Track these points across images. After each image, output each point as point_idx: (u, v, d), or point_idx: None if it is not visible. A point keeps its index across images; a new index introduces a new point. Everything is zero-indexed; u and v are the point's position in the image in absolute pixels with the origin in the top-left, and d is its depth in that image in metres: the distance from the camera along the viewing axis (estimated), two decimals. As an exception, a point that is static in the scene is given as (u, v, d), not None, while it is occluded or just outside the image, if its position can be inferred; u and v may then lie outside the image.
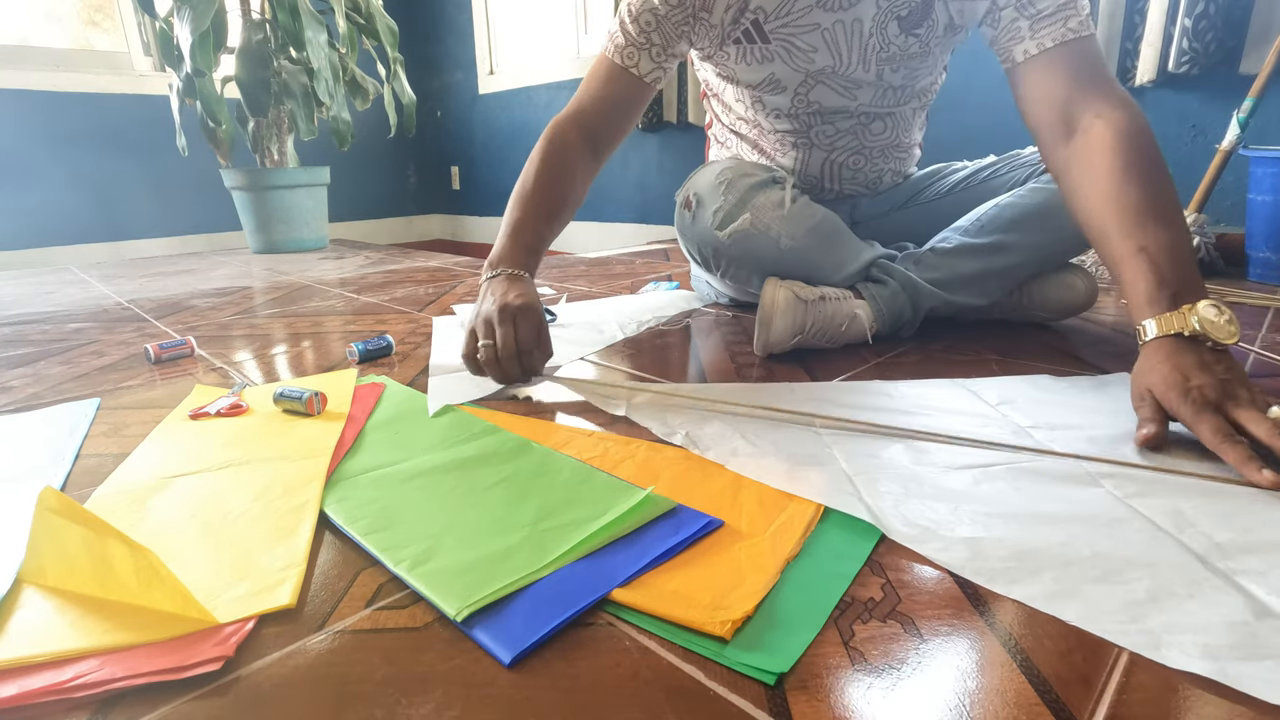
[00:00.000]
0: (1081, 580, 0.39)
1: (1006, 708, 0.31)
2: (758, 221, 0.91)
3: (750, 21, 0.89)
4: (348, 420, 0.67)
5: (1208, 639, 0.34)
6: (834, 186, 1.04)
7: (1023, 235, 0.89)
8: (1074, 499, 0.49)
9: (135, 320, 1.24)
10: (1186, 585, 0.39)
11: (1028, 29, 0.75)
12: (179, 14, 1.85)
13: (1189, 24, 1.34)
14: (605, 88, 0.91)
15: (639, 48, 0.89)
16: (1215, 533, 0.44)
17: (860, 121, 0.97)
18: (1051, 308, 0.94)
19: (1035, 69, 0.76)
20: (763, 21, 0.89)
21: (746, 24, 0.90)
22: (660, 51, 0.89)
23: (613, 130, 0.93)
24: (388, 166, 3.44)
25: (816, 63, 0.90)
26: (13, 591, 0.41)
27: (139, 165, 2.67)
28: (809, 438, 0.60)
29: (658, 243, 2.28)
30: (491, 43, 3.10)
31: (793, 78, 0.93)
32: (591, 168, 0.92)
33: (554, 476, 0.54)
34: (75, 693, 0.33)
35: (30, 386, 0.84)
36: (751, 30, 0.90)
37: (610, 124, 0.93)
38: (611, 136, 0.94)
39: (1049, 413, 0.64)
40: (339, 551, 0.46)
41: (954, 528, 0.45)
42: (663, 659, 0.35)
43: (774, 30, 0.89)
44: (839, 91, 0.94)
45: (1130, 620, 0.36)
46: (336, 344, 1.00)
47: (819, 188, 1.05)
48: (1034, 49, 0.75)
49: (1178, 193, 0.65)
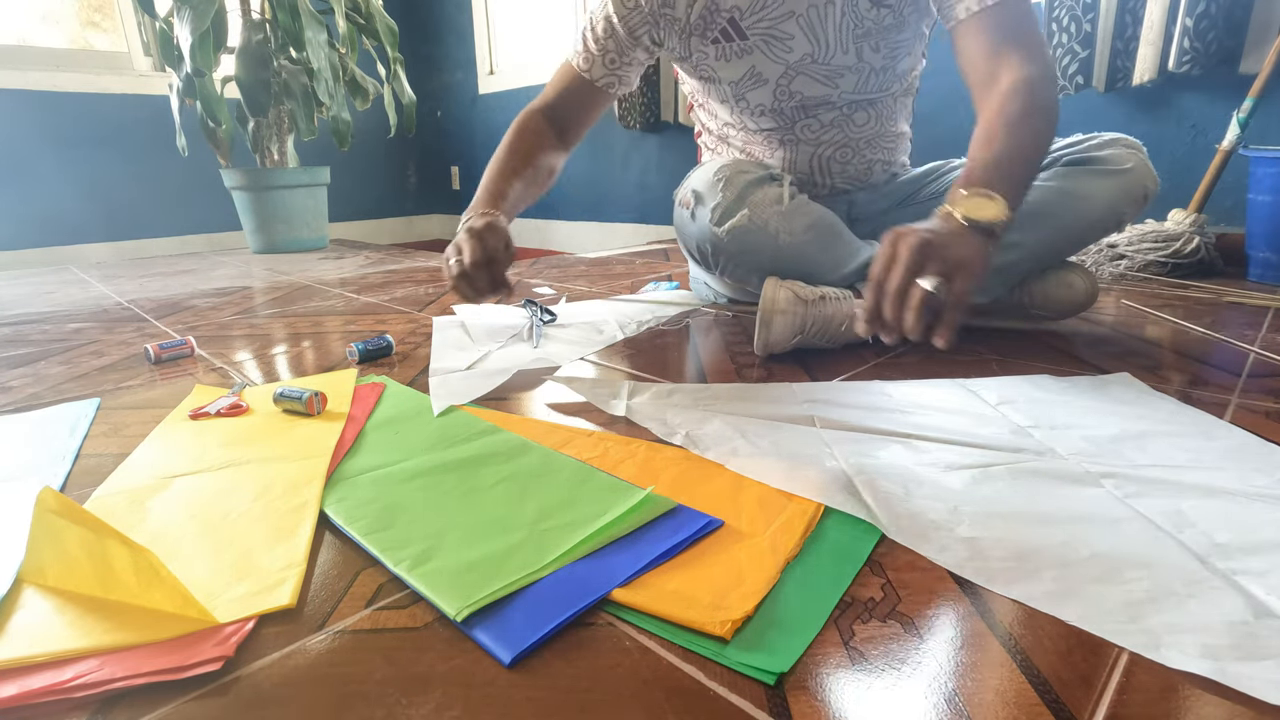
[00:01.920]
0: (1081, 580, 0.39)
1: (1006, 708, 0.31)
2: (756, 217, 0.91)
3: (726, 20, 0.91)
4: (348, 420, 0.67)
5: (1207, 639, 0.34)
6: (825, 181, 1.05)
7: (1021, 234, 0.88)
8: (1073, 499, 0.48)
9: (135, 320, 1.24)
10: (1186, 585, 0.39)
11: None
12: (179, 14, 1.85)
13: (1189, 23, 1.34)
14: (565, 89, 0.99)
15: (594, 56, 0.96)
16: (1215, 533, 0.44)
17: (843, 113, 0.98)
18: (1052, 307, 0.94)
19: (973, 26, 0.80)
20: (739, 19, 0.91)
21: (723, 23, 0.92)
22: (615, 59, 0.95)
23: (575, 125, 1.01)
24: (388, 166, 3.43)
25: (796, 51, 0.92)
26: (13, 591, 0.41)
27: (139, 165, 2.67)
28: (809, 438, 0.60)
29: (658, 243, 2.28)
30: (491, 43, 3.10)
31: (773, 69, 0.94)
32: (558, 147, 1.00)
33: (554, 476, 0.54)
34: (75, 693, 0.33)
35: (30, 386, 0.84)
36: (729, 29, 0.92)
37: (572, 120, 1.00)
38: (574, 130, 1.02)
39: (1049, 412, 0.64)
40: (339, 551, 0.46)
41: (953, 528, 0.45)
42: (663, 659, 0.35)
43: (751, 26, 0.91)
44: (821, 81, 0.95)
45: (1130, 620, 0.36)
46: (336, 344, 1.00)
47: (811, 183, 1.05)
48: (975, 5, 0.79)
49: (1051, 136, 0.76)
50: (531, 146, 0.95)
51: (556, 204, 2.93)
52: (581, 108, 1.00)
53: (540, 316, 1.04)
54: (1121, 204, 0.88)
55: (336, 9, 2.07)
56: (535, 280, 1.52)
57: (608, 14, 0.93)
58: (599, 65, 0.96)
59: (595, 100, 1.00)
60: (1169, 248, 1.34)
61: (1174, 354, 0.84)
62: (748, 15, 0.90)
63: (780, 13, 0.89)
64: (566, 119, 1.00)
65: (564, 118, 0.99)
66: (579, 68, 0.97)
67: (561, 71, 0.99)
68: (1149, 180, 0.89)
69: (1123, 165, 0.88)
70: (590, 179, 2.77)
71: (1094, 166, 0.89)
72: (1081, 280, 0.93)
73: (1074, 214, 0.88)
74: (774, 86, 0.95)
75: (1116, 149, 0.89)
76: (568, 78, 0.99)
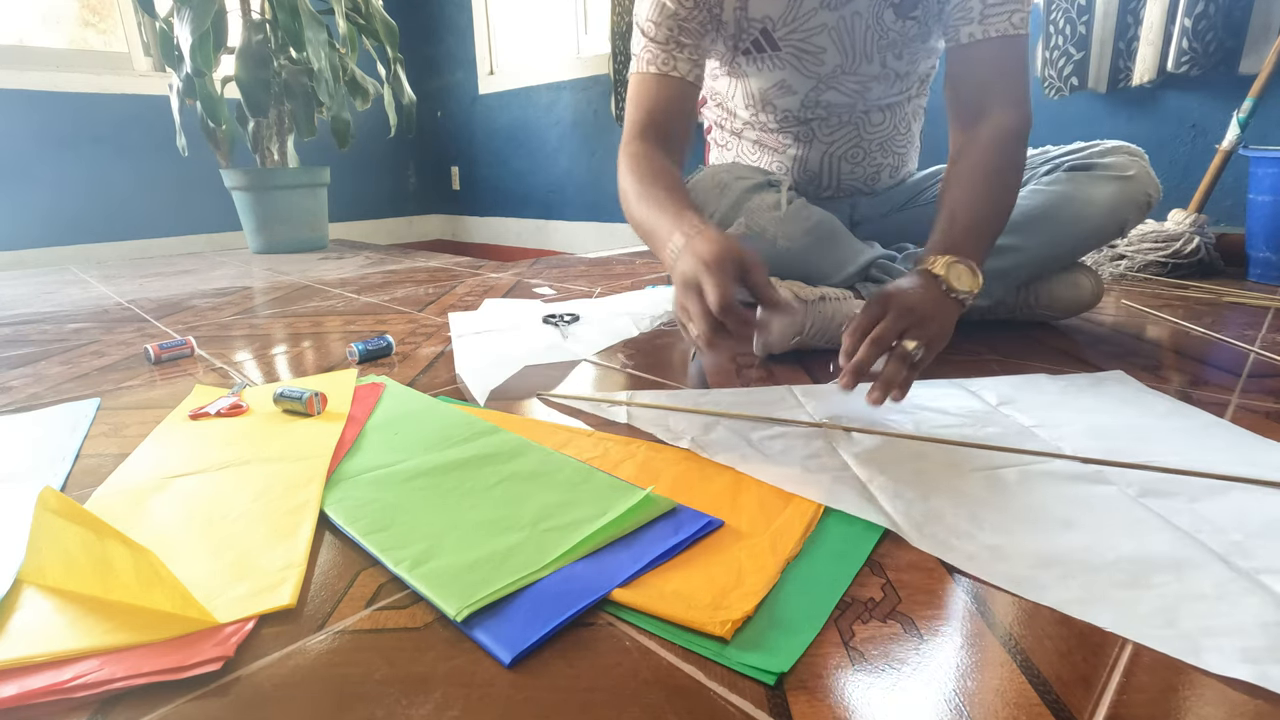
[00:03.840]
0: (1110, 585, 0.39)
1: (1006, 708, 0.31)
2: (753, 224, 0.91)
3: (759, 30, 0.89)
4: (348, 420, 0.67)
5: (1245, 642, 0.34)
6: (832, 182, 1.05)
7: (1023, 238, 0.89)
8: (1088, 500, 0.49)
9: (135, 320, 1.24)
10: (1213, 587, 0.39)
11: (978, 13, 0.79)
12: (179, 14, 1.85)
13: (1189, 24, 1.34)
14: (655, 99, 0.86)
15: (671, 52, 0.86)
16: (1232, 531, 0.44)
17: (861, 113, 0.98)
18: (1058, 306, 0.95)
19: (973, 53, 0.80)
20: (771, 30, 0.89)
21: (755, 33, 0.90)
22: (694, 50, 0.86)
23: (679, 136, 0.88)
24: (388, 166, 3.43)
25: (827, 64, 0.91)
26: (13, 591, 0.40)
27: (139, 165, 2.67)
28: (817, 442, 0.60)
29: (658, 243, 2.28)
30: (491, 43, 3.10)
31: (804, 83, 0.93)
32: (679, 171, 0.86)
33: (554, 477, 0.54)
34: (75, 693, 0.33)
35: (30, 386, 0.84)
36: (761, 40, 0.90)
37: (675, 130, 0.87)
38: (680, 143, 0.88)
39: (1051, 412, 0.64)
40: (339, 551, 0.46)
41: (976, 534, 0.45)
42: (663, 659, 0.35)
43: (783, 37, 0.89)
44: (847, 94, 0.95)
45: (1165, 625, 0.36)
46: (336, 344, 1.00)
47: (817, 184, 1.05)
48: (979, 34, 0.79)
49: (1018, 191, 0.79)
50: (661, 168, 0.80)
51: (556, 204, 2.93)
52: (682, 113, 0.87)
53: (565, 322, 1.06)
54: (1124, 210, 0.88)
55: (336, 9, 2.07)
56: (535, 280, 1.52)
57: (671, 11, 0.85)
58: (683, 60, 0.86)
59: (691, 98, 0.88)
60: (1169, 248, 1.34)
61: (1174, 354, 0.84)
62: (780, 26, 0.88)
63: (814, 25, 0.88)
64: (670, 131, 0.86)
65: (667, 132, 0.86)
66: (662, 70, 0.86)
67: (643, 85, 0.87)
68: (1151, 187, 0.89)
69: (1125, 172, 0.88)
70: (590, 179, 2.77)
71: (1096, 172, 0.89)
72: (1088, 280, 0.93)
73: (1076, 219, 0.88)
74: (803, 97, 0.95)
75: (1119, 156, 0.90)
76: (654, 87, 0.86)
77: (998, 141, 0.77)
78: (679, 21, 0.86)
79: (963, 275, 0.67)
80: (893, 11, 0.87)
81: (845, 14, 0.87)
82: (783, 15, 0.87)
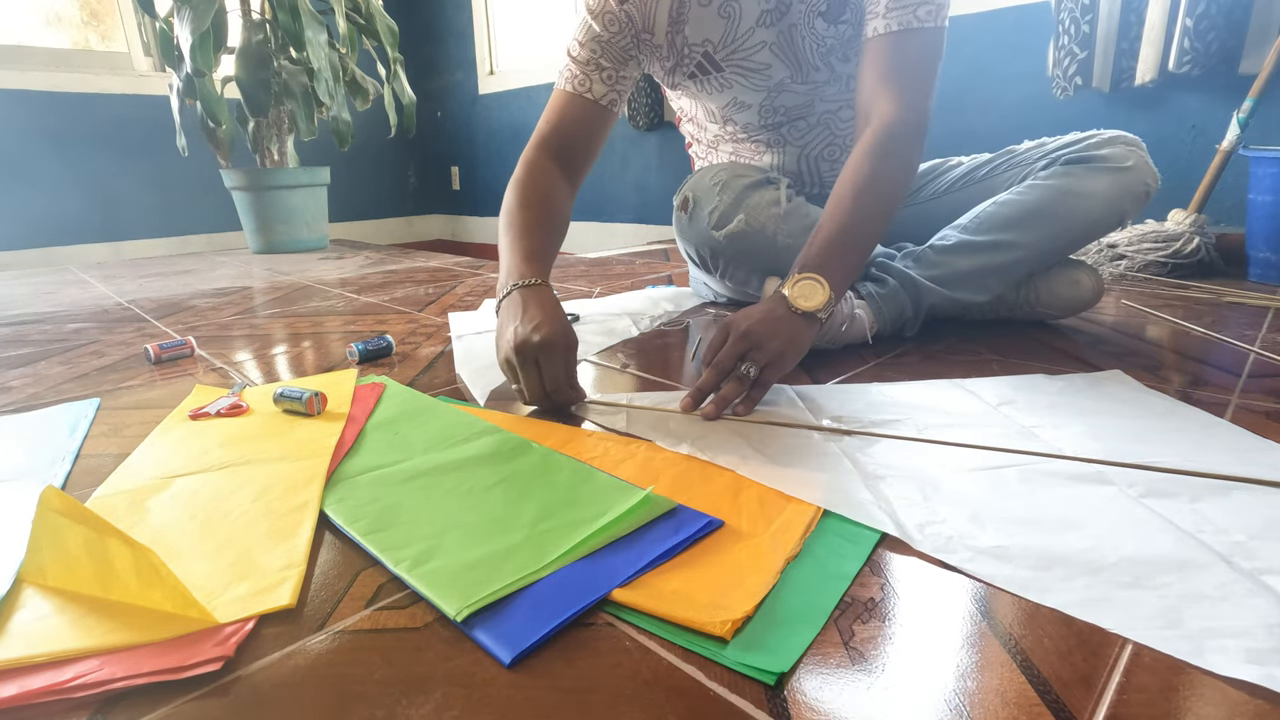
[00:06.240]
0: (1113, 586, 0.39)
1: (1006, 708, 0.31)
2: (753, 221, 0.91)
3: (701, 55, 0.90)
4: (348, 420, 0.67)
5: (1250, 644, 0.34)
6: (815, 182, 1.05)
7: (1021, 233, 0.89)
8: (1089, 500, 0.49)
9: (135, 320, 1.24)
10: (1216, 588, 0.39)
11: (884, 6, 0.78)
12: (179, 14, 1.85)
13: (1190, 24, 1.34)
14: (564, 116, 0.89)
15: (589, 73, 0.88)
16: (1234, 532, 0.44)
17: (830, 111, 0.98)
18: (1059, 305, 0.94)
19: (872, 49, 0.80)
20: (713, 52, 0.90)
21: (698, 57, 0.91)
22: (611, 75, 0.89)
23: (582, 156, 0.90)
24: (388, 166, 3.44)
25: (774, 77, 0.92)
26: (13, 591, 0.40)
27: (139, 165, 2.67)
28: (817, 443, 0.60)
29: (658, 243, 2.29)
30: (491, 43, 3.10)
31: (755, 96, 0.95)
32: (568, 189, 0.89)
33: (554, 476, 0.54)
34: (75, 693, 0.33)
35: (30, 386, 0.84)
36: (704, 63, 0.91)
37: (579, 150, 0.89)
38: (582, 163, 0.90)
39: (1050, 412, 0.64)
40: (339, 551, 0.46)
41: (978, 537, 0.45)
42: (663, 659, 0.35)
43: (725, 58, 0.91)
44: (803, 94, 0.95)
45: (1169, 626, 0.36)
46: (336, 344, 1.00)
47: (801, 184, 1.05)
48: (881, 28, 0.79)
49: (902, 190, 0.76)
50: (545, 196, 0.84)
51: (556, 204, 2.93)
52: (587, 135, 0.89)
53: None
54: (1123, 201, 0.88)
55: (336, 9, 2.07)
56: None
57: (595, 34, 0.88)
58: (598, 83, 0.88)
59: (600, 122, 0.90)
60: (1169, 248, 1.34)
61: (1174, 354, 0.84)
62: (720, 49, 0.89)
63: (753, 43, 0.89)
64: (573, 150, 0.89)
65: (570, 149, 0.88)
66: (576, 90, 0.88)
67: (556, 101, 0.90)
68: (1149, 177, 0.88)
69: (1123, 163, 0.88)
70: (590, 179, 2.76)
71: (1094, 164, 0.89)
72: (1088, 278, 0.93)
73: (1075, 212, 0.88)
74: (759, 109, 0.96)
75: (1116, 147, 0.89)
76: (565, 104, 0.89)
77: (876, 145, 0.75)
78: (602, 45, 0.88)
79: (811, 292, 0.69)
80: (822, 20, 0.87)
81: (782, 28, 0.87)
82: (722, 38, 0.88)
